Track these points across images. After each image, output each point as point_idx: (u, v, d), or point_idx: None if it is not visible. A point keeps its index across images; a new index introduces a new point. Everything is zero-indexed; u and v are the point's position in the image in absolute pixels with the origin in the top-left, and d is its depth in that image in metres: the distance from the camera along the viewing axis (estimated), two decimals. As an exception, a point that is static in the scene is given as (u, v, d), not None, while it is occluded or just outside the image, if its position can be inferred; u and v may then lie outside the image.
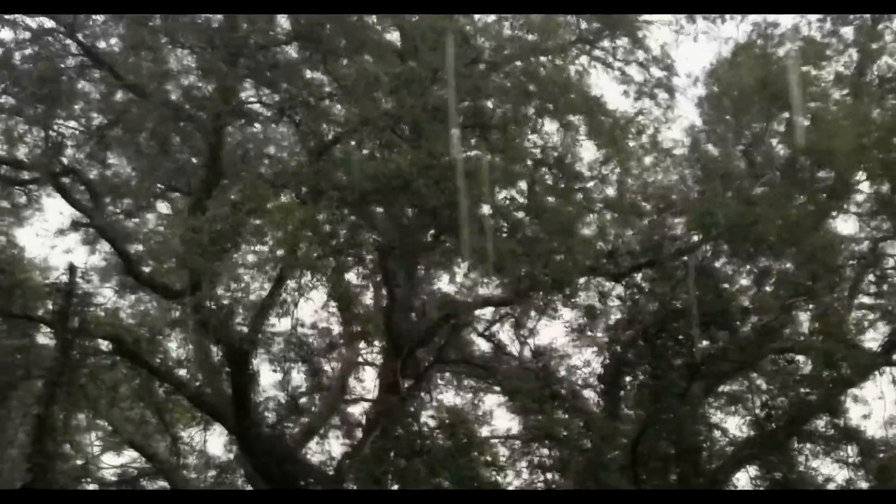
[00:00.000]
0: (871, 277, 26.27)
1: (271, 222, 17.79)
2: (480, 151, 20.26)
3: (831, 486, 25.21)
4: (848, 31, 26.14)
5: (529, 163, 20.53)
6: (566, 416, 21.80)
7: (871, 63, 26.26)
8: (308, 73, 19.34)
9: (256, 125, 20.01)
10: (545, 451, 22.59)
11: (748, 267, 23.88)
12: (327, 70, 18.90)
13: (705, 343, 24.40)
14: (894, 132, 25.38)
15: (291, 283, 21.95)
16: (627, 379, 24.89)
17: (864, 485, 25.07)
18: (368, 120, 18.24)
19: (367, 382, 24.38)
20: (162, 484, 25.22)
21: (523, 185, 20.75)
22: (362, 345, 24.69)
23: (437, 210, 19.12)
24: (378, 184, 18.04)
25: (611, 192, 22.29)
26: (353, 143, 19.48)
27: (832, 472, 25.48)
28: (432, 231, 21.32)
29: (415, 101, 18.37)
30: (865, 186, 26.22)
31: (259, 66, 18.59)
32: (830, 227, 25.46)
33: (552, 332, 24.86)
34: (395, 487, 21.59)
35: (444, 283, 22.68)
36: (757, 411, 25.22)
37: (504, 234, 20.26)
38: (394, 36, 21.04)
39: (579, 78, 21.17)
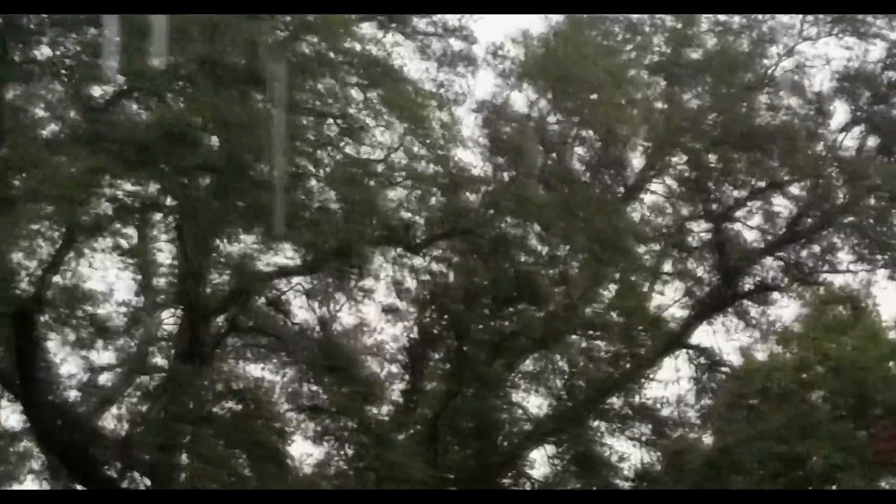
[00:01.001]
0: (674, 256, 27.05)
1: (50, 182, 17.31)
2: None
3: (625, 465, 25.79)
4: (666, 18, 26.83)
5: (312, 119, 20.44)
6: (352, 389, 21.78)
7: (685, 50, 26.92)
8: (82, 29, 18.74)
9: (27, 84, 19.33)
10: (331, 423, 22.69)
11: (547, 247, 24.11)
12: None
13: (508, 321, 24.86)
14: (704, 118, 26.20)
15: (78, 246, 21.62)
16: (431, 354, 25.07)
17: (656, 464, 25.73)
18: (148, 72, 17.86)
19: (166, 350, 23.97)
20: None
21: (321, 153, 20.69)
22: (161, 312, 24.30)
23: (229, 172, 18.89)
24: (159, 132, 17.68)
25: (411, 164, 22.31)
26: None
27: (626, 449, 26.06)
28: (228, 196, 21.04)
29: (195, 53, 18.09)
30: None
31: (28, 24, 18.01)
32: (632, 210, 26.14)
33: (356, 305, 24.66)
34: (184, 454, 21.43)
35: (242, 251, 22.31)
36: (556, 389, 25.65)
37: (299, 202, 20.22)
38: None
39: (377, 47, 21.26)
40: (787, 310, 26.74)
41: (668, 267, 27.18)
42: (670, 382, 26.27)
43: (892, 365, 22.67)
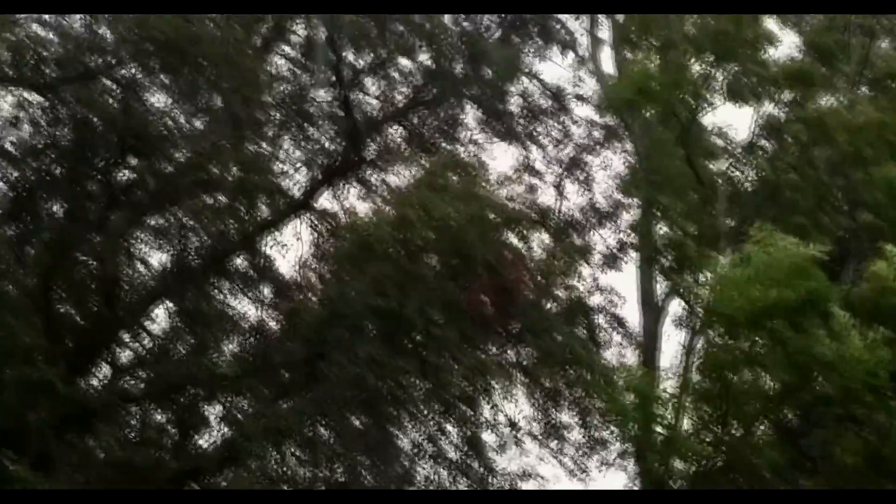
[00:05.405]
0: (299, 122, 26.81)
1: None
2: None
3: (244, 324, 25.61)
4: None
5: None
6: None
7: None
8: None
9: None
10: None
11: (179, 94, 23.16)
12: None
13: (128, 172, 23.87)
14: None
15: None
16: (45, 203, 23.58)
17: (272, 324, 25.75)
18: None
19: None
20: None
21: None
22: None
23: None
24: None
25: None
26: None
27: (247, 310, 25.91)
28: None
29: None
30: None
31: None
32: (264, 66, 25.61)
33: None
34: None
35: None
36: (178, 246, 24.96)
37: None
38: None
39: None
40: (407, 178, 27.31)
41: (292, 131, 26.92)
42: (292, 245, 26.23)
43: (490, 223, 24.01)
